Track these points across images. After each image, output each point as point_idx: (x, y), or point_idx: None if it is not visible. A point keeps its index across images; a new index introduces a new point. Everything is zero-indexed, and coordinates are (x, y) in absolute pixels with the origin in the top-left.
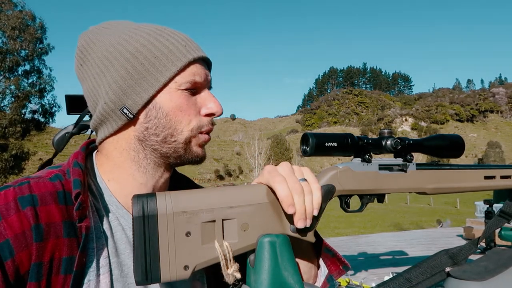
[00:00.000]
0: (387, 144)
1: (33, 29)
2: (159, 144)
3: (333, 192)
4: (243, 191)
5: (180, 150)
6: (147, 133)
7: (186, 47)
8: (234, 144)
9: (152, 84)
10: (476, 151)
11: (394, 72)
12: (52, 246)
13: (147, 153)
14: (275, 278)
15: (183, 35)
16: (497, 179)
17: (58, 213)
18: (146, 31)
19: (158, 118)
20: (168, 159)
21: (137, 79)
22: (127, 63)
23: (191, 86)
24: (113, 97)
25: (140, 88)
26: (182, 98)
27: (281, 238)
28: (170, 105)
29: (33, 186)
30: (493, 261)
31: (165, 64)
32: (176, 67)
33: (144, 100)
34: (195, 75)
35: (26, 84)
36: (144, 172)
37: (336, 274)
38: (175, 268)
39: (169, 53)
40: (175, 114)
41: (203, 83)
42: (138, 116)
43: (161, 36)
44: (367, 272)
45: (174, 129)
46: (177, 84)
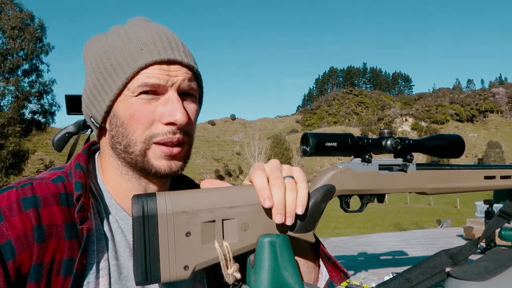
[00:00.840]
0: (387, 144)
1: (32, 29)
2: (124, 153)
3: (333, 192)
4: (243, 191)
5: (140, 162)
6: (114, 141)
7: (142, 50)
8: (234, 144)
9: (108, 93)
10: (476, 151)
11: (394, 72)
12: (53, 247)
13: (121, 161)
14: (275, 278)
15: (151, 35)
16: (497, 179)
17: (60, 215)
18: (114, 35)
19: (117, 126)
20: (136, 170)
21: (98, 88)
22: (93, 72)
23: (145, 89)
24: (84, 106)
25: (100, 97)
26: (136, 105)
27: (281, 238)
28: (125, 113)
29: (36, 188)
30: (493, 261)
31: (117, 71)
32: (125, 74)
33: (103, 109)
34: (150, 79)
35: (25, 84)
36: (127, 178)
37: (337, 280)
38: (175, 268)
39: (122, 59)
40: (129, 123)
41: (165, 86)
42: (104, 125)
43: (120, 41)
44: (367, 272)
45: (129, 139)
46: (130, 91)
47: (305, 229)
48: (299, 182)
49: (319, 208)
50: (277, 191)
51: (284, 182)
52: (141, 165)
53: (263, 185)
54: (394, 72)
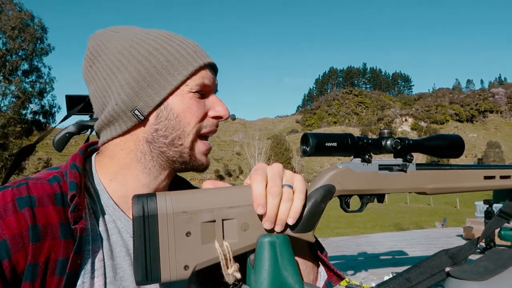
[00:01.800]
0: (387, 144)
1: (33, 29)
2: (167, 147)
3: (333, 192)
4: (243, 191)
5: (186, 155)
6: (156, 135)
7: (196, 53)
8: (234, 144)
9: (164, 86)
10: (475, 151)
11: (394, 72)
12: (48, 247)
13: (154, 155)
14: (275, 278)
15: (192, 42)
16: (497, 179)
17: (55, 215)
18: (158, 36)
19: (169, 119)
20: (174, 164)
21: (150, 81)
22: (140, 65)
23: (200, 89)
24: (125, 98)
25: (152, 91)
26: (193, 100)
27: (281, 238)
28: (181, 106)
29: (31, 187)
30: (492, 261)
31: (177, 68)
32: (187, 71)
33: (156, 102)
34: (205, 79)
35: (27, 85)
36: (148, 173)
37: (335, 280)
38: (175, 268)
39: (181, 58)
40: (185, 116)
41: (211, 87)
42: (148, 118)
43: (172, 41)
44: (367, 272)
45: (182, 131)
46: (188, 87)
47: (305, 229)
48: (297, 193)
49: (319, 208)
50: (272, 200)
51: (282, 191)
52: (187, 157)
53: (260, 192)
54: (394, 72)
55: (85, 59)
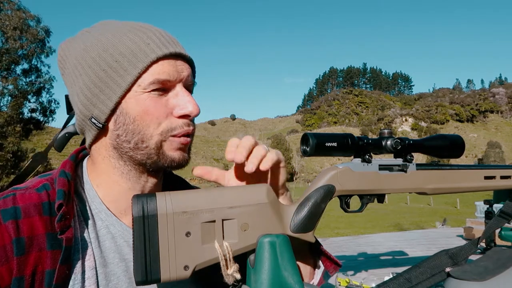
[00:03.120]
0: (387, 144)
1: (35, 31)
2: (133, 151)
3: (333, 192)
4: (243, 191)
5: (153, 155)
6: (119, 141)
7: (150, 45)
8: None
9: (115, 90)
10: (476, 151)
11: (394, 72)
12: (34, 259)
13: (125, 160)
14: (275, 278)
15: (153, 32)
16: (497, 179)
17: (42, 225)
18: (113, 32)
19: (126, 124)
20: (146, 166)
21: (101, 86)
22: (91, 71)
23: (156, 87)
24: (81, 107)
25: (104, 96)
26: (148, 101)
27: (281, 238)
28: (136, 109)
29: (18, 198)
30: (493, 261)
31: (126, 68)
32: (137, 69)
33: (110, 108)
34: (160, 75)
35: (23, 83)
36: (127, 178)
37: (332, 270)
38: (175, 268)
39: (130, 55)
40: (142, 119)
41: (174, 82)
42: (108, 125)
43: (125, 36)
44: (367, 272)
45: (143, 134)
46: (141, 87)
47: (305, 229)
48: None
49: (319, 208)
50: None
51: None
52: (155, 158)
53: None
54: (394, 72)
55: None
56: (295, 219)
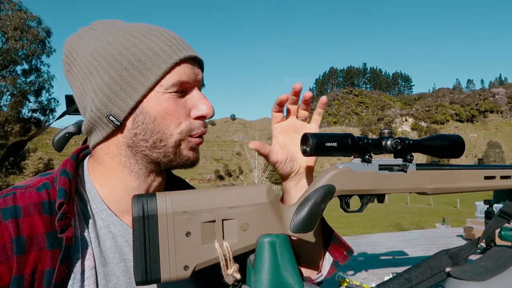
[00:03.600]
0: (387, 144)
1: (36, 31)
2: (149, 150)
3: (333, 192)
4: (243, 191)
5: (170, 154)
6: (136, 139)
7: (172, 47)
8: (234, 144)
9: (137, 89)
10: (476, 151)
11: (394, 72)
12: (34, 258)
13: (138, 158)
14: (275, 278)
15: (170, 34)
16: (497, 179)
17: (42, 224)
18: (130, 32)
19: (146, 123)
20: (159, 164)
21: (122, 84)
22: (111, 69)
23: (178, 88)
24: (98, 104)
25: (125, 94)
26: (170, 101)
27: (281, 238)
28: (157, 109)
29: (18, 197)
30: (493, 261)
31: (149, 67)
32: (161, 69)
33: (130, 106)
34: (181, 76)
35: (22, 82)
36: (136, 177)
37: (341, 260)
38: (175, 268)
39: (153, 55)
40: (163, 118)
41: (192, 84)
42: (126, 123)
43: (145, 37)
44: (367, 272)
45: (163, 133)
46: (163, 88)
47: (305, 229)
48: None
49: (319, 208)
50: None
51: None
52: (171, 157)
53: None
54: (394, 72)
55: (63, 64)
56: (295, 219)
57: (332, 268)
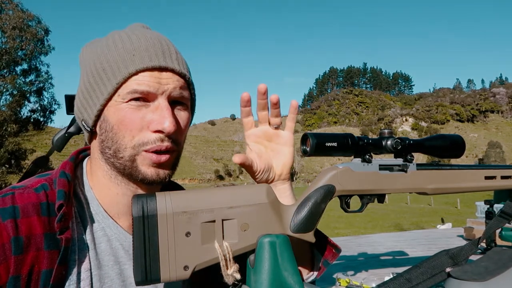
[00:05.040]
0: (388, 144)
1: (35, 30)
2: (113, 158)
3: (333, 192)
4: (243, 191)
5: (128, 168)
6: (103, 146)
7: (135, 55)
8: (234, 144)
9: (99, 97)
10: (476, 151)
11: (395, 72)
12: (31, 258)
13: (109, 164)
14: (275, 278)
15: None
16: (498, 179)
17: (40, 225)
18: (111, 39)
19: (107, 131)
20: (125, 175)
21: (90, 92)
22: (86, 76)
23: (134, 96)
24: (76, 110)
25: (92, 101)
26: (125, 111)
27: (281, 238)
28: (114, 118)
29: (17, 198)
30: (493, 261)
31: (109, 76)
32: (116, 79)
33: (94, 113)
34: (140, 86)
35: (21, 82)
36: (116, 183)
37: (330, 257)
38: (175, 268)
39: (114, 64)
40: (119, 129)
41: (155, 94)
42: (95, 129)
43: (114, 46)
44: (367, 273)
45: (119, 144)
46: (120, 97)
47: (305, 229)
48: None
49: (319, 208)
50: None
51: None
52: (129, 170)
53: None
54: (395, 72)
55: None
56: (295, 219)
57: (322, 267)
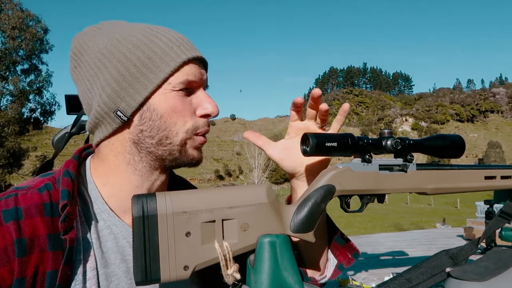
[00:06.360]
0: (387, 144)
1: (34, 30)
2: (154, 147)
3: (333, 192)
4: (243, 191)
5: (176, 152)
6: (142, 136)
7: (180, 47)
8: (234, 144)
9: (146, 85)
10: (476, 151)
11: (395, 72)
12: (35, 260)
13: (142, 156)
14: (275, 278)
15: (178, 35)
16: (498, 179)
17: (43, 226)
18: (139, 31)
19: (153, 120)
20: (164, 162)
21: (130, 81)
22: (120, 65)
23: (185, 86)
24: (106, 99)
25: (133, 90)
26: (177, 99)
27: (281, 238)
28: (164, 106)
29: (20, 199)
30: (493, 261)
31: (158, 65)
32: (169, 67)
33: (138, 102)
34: (189, 75)
35: (25, 84)
36: (139, 175)
37: (346, 263)
38: (175, 268)
39: (162, 54)
40: (169, 116)
41: (198, 83)
42: (133, 119)
43: (154, 36)
44: (367, 273)
45: (169, 131)
46: (171, 85)
47: (305, 229)
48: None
49: (319, 208)
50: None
51: None
52: (176, 155)
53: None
54: (395, 72)
55: (70, 60)
56: (295, 219)
57: (336, 271)
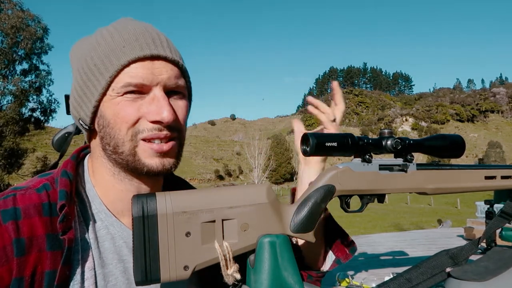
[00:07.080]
0: (388, 144)
1: (33, 29)
2: (114, 154)
3: (333, 192)
4: (243, 191)
5: (131, 163)
6: (103, 143)
7: (124, 48)
8: (234, 144)
9: (93, 93)
10: (476, 151)
11: (395, 72)
12: (34, 260)
13: (111, 161)
14: (275, 278)
15: (132, 32)
16: (498, 179)
17: (42, 226)
18: (99, 35)
19: (105, 127)
20: (128, 170)
21: (84, 89)
22: (78, 74)
23: (129, 90)
24: (72, 109)
25: (86, 99)
26: (120, 104)
27: (281, 238)
28: (110, 113)
29: (18, 199)
30: (493, 261)
31: (102, 71)
32: (109, 72)
33: (90, 110)
34: (132, 78)
35: (26, 84)
36: (119, 179)
37: (343, 258)
38: (175, 268)
39: (105, 59)
40: (115, 122)
41: (149, 85)
42: (94, 127)
43: (103, 39)
44: (367, 273)
45: (117, 139)
46: (114, 91)
47: (305, 229)
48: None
49: (319, 208)
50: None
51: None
52: (133, 165)
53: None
54: (395, 72)
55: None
56: (295, 219)
57: (333, 264)
